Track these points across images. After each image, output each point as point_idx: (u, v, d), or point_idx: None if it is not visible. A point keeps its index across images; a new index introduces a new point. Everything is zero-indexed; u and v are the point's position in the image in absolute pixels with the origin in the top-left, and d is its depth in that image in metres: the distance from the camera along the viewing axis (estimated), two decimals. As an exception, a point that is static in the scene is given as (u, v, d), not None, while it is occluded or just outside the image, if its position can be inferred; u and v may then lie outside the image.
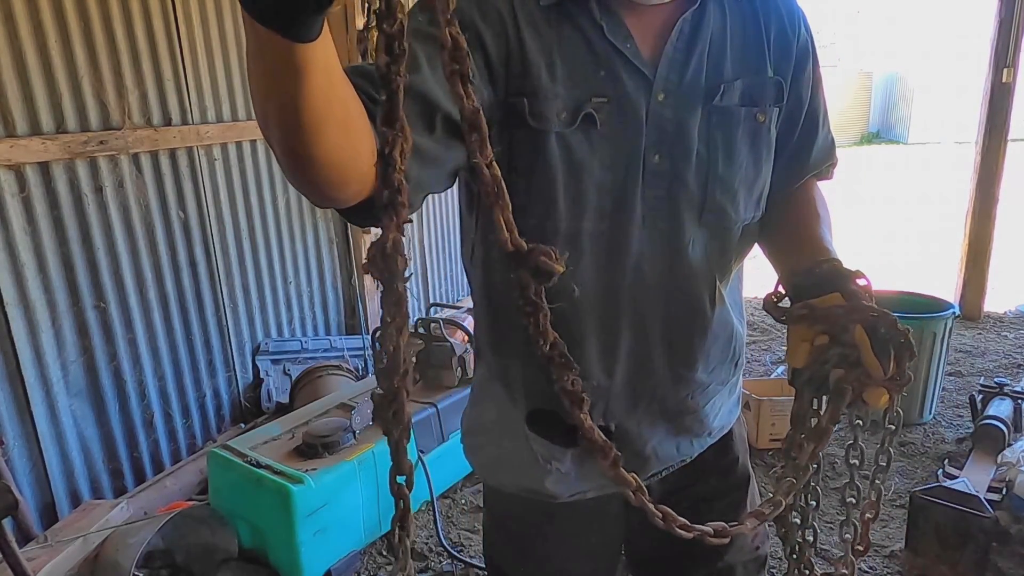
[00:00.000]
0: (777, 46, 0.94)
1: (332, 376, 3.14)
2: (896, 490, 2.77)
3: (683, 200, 0.90)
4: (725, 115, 0.90)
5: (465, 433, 1.12)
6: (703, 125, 0.89)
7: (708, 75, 0.89)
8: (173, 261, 2.90)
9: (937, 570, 2.24)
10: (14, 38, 2.32)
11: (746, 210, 0.95)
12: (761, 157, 0.94)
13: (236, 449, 2.34)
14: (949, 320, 3.12)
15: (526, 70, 0.84)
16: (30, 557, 2.02)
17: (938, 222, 7.29)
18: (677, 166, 0.89)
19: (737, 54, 0.91)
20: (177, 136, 2.85)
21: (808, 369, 0.83)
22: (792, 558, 0.95)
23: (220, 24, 3.05)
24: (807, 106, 0.99)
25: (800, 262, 0.90)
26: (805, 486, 0.91)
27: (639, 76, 0.87)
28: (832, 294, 0.82)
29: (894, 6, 28.40)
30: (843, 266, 0.87)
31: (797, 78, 0.96)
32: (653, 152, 0.88)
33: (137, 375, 2.78)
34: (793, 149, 1.00)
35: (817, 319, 0.82)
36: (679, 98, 0.88)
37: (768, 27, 0.93)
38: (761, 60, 0.93)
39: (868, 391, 0.79)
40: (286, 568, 2.22)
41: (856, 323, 0.78)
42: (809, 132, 1.01)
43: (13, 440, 2.38)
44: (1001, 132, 4.25)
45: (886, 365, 0.77)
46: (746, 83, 0.91)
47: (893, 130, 16.47)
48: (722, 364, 1.03)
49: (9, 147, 2.30)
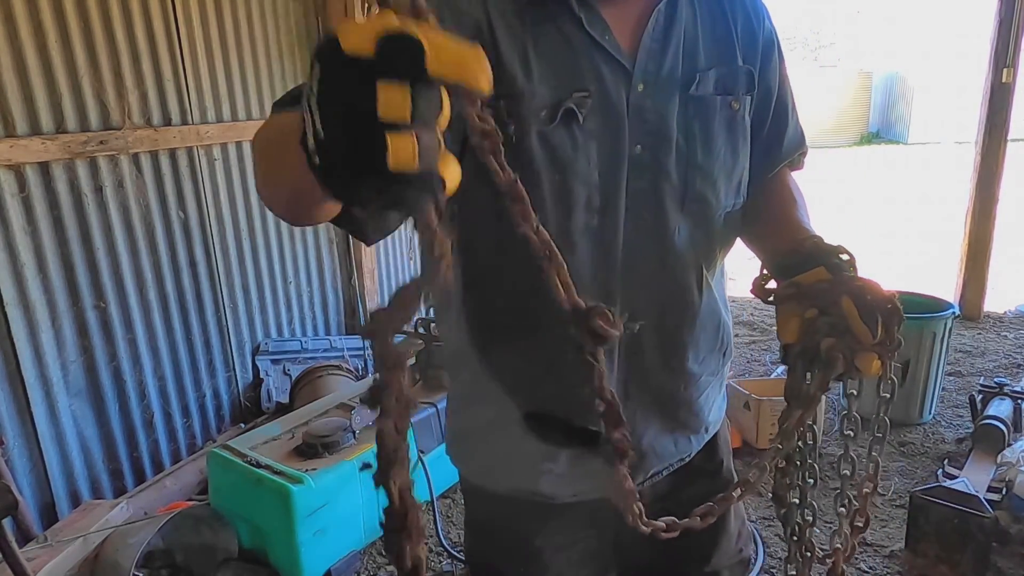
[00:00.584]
0: (744, 37, 0.96)
1: (332, 376, 3.14)
2: (896, 490, 2.77)
3: (666, 190, 0.91)
4: (701, 104, 0.92)
5: (452, 441, 1.09)
6: (681, 115, 0.90)
7: (684, 65, 0.91)
8: (173, 261, 2.90)
9: (937, 570, 2.24)
10: (14, 38, 2.32)
11: (727, 197, 0.97)
12: (738, 144, 0.96)
13: (236, 449, 2.34)
14: (949, 320, 3.12)
15: (501, 72, 0.83)
16: (30, 557, 2.02)
17: (938, 222, 7.29)
18: (658, 156, 0.90)
19: (709, 44, 0.93)
20: (177, 136, 2.85)
21: (799, 342, 0.84)
22: (793, 539, 0.95)
23: (220, 24, 3.05)
24: (776, 96, 1.02)
25: (783, 243, 0.93)
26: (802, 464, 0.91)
27: (619, 68, 0.87)
28: (816, 268, 0.84)
29: (894, 6, 28.41)
30: (825, 242, 0.89)
31: (765, 68, 0.99)
32: (635, 143, 0.89)
33: (137, 375, 2.78)
34: (766, 139, 1.03)
35: (805, 296, 0.84)
36: (658, 88, 0.89)
37: (735, 18, 0.96)
38: (731, 50, 0.95)
39: (859, 357, 0.80)
40: (286, 568, 2.22)
41: (843, 295, 0.80)
42: (780, 122, 1.04)
43: (13, 440, 2.38)
44: (1001, 132, 4.25)
45: (875, 330, 0.78)
46: (719, 72, 0.93)
47: (893, 130, 16.47)
48: (711, 354, 1.04)
49: (9, 147, 2.30)
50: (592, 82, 0.86)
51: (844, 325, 0.80)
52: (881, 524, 2.57)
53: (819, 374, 0.83)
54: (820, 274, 0.84)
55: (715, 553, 1.12)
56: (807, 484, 0.93)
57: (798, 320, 0.84)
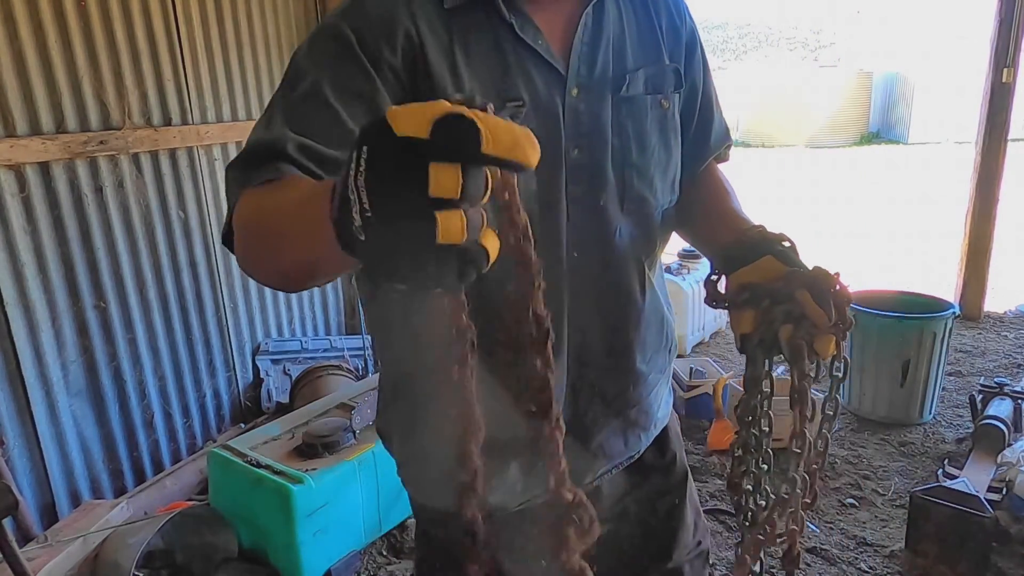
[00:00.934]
0: (669, 35, 0.98)
1: (332, 376, 3.14)
2: (896, 490, 2.77)
3: (605, 191, 0.92)
4: (633, 104, 0.93)
5: (403, 464, 1.05)
6: (614, 116, 0.91)
7: (614, 67, 0.92)
8: (173, 261, 2.90)
9: (937, 570, 2.24)
10: (14, 38, 2.32)
11: (663, 195, 0.98)
12: (670, 142, 0.98)
13: (236, 449, 2.34)
14: (949, 320, 3.12)
15: (431, 85, 0.82)
16: (30, 557, 2.02)
17: (938, 222, 7.29)
18: (595, 158, 0.91)
19: (636, 45, 0.94)
20: (177, 136, 2.85)
21: (757, 332, 0.86)
22: (745, 525, 0.96)
23: (220, 24, 3.05)
24: (701, 92, 1.04)
25: (726, 234, 0.95)
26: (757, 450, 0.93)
27: (552, 72, 0.87)
28: (764, 257, 0.87)
29: (894, 6, 28.40)
30: (768, 231, 0.91)
31: (689, 64, 1.01)
32: (572, 147, 0.89)
33: (137, 375, 2.78)
34: (694, 134, 1.05)
35: (761, 297, 0.85)
36: (591, 91, 0.89)
37: (659, 17, 0.97)
38: (657, 49, 0.96)
39: (818, 341, 0.83)
40: (286, 568, 2.22)
41: (798, 288, 0.82)
42: (706, 117, 1.06)
43: (13, 440, 2.38)
44: (1001, 132, 4.25)
45: (830, 313, 0.81)
46: (648, 72, 0.94)
47: (893, 130, 16.45)
48: (657, 352, 1.05)
49: (9, 147, 2.30)
50: (525, 91, 0.86)
51: (799, 312, 0.82)
52: (881, 524, 2.58)
53: (795, 367, 0.85)
54: (769, 263, 0.86)
55: (675, 548, 1.12)
56: (761, 470, 0.94)
57: (753, 312, 0.86)
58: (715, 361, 3.65)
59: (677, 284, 4.03)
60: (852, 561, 2.39)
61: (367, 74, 0.79)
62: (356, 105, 0.77)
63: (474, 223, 0.43)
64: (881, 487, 2.81)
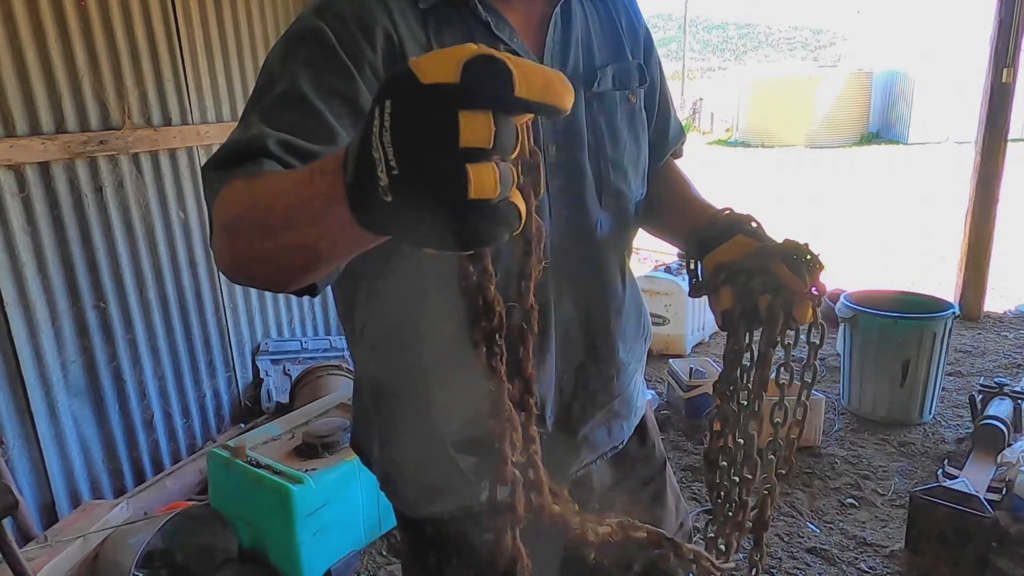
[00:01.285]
0: (629, 33, 1.01)
1: (332, 376, 3.14)
2: (896, 490, 2.77)
3: (584, 186, 0.94)
4: (604, 100, 0.95)
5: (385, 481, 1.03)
6: (588, 112, 0.94)
7: (584, 64, 0.94)
8: (173, 261, 2.90)
9: (937, 570, 2.24)
10: (14, 38, 2.32)
11: (637, 187, 1.01)
12: (639, 135, 1.01)
13: (236, 449, 2.34)
14: (949, 320, 3.12)
15: None
16: (30, 557, 2.02)
17: (938, 222, 7.30)
18: (572, 154, 0.92)
19: (602, 42, 0.97)
20: (177, 136, 2.85)
21: (738, 305, 0.88)
22: (717, 502, 0.96)
23: (220, 24, 3.05)
24: (659, 88, 1.07)
25: (696, 220, 0.98)
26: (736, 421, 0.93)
27: None
28: (735, 237, 0.89)
29: (894, 6, 28.40)
30: (737, 212, 0.94)
31: (648, 62, 1.03)
32: (550, 144, 0.90)
33: (137, 375, 2.78)
34: (656, 129, 1.08)
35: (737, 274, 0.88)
36: None
37: (619, 16, 1.00)
38: (621, 47, 0.99)
39: (796, 308, 0.85)
40: (286, 568, 2.22)
41: (773, 260, 0.85)
42: (664, 112, 1.09)
43: (13, 440, 2.38)
44: (1001, 132, 4.25)
45: (805, 280, 0.84)
46: (615, 69, 0.97)
47: (893, 130, 16.46)
48: (636, 341, 1.07)
49: (9, 147, 2.30)
50: None
51: (776, 282, 0.85)
52: (881, 524, 2.58)
53: (765, 332, 0.88)
54: (741, 240, 0.89)
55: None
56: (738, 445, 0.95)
57: (730, 288, 0.88)
58: (715, 361, 3.65)
59: (677, 284, 4.03)
60: (852, 561, 2.39)
61: (348, 73, 0.77)
62: (338, 104, 0.75)
63: (506, 178, 0.40)
64: (881, 487, 2.81)
